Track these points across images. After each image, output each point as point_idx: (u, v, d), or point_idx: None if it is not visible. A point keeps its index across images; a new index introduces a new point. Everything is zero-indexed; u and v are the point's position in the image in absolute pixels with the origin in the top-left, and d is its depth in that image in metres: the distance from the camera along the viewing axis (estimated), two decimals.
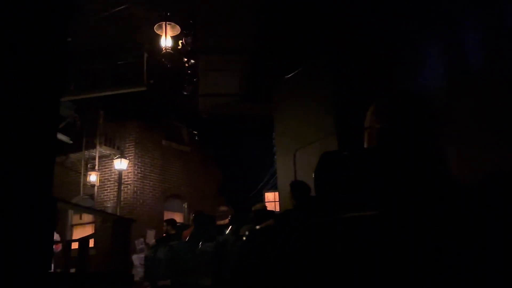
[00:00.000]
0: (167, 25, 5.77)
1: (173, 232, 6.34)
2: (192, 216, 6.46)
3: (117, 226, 2.98)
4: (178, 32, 6.21)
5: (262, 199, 12.24)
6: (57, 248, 7.66)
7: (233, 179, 13.04)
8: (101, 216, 8.64)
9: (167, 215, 13.20)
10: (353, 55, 6.56)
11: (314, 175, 1.78)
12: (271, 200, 12.47)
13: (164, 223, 7.25)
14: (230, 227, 4.88)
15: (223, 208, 10.61)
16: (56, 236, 7.51)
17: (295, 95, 8.03)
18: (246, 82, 9.26)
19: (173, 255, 5.26)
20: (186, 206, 13.81)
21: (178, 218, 13.63)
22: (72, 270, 11.22)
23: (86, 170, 11.96)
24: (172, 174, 13.39)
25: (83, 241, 3.51)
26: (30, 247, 1.87)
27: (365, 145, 1.81)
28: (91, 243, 12.16)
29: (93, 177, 11.20)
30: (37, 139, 2.17)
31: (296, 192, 3.73)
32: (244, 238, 3.39)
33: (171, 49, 6.07)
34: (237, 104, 10.14)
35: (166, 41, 5.84)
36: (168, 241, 5.92)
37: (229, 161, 13.94)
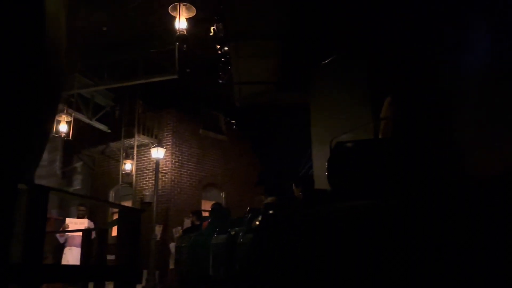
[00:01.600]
0: (181, 6, 5.51)
1: (197, 223, 6.28)
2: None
3: (125, 217, 2.86)
4: (194, 14, 5.98)
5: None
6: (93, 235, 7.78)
7: (271, 169, 12.85)
8: (111, 206, 8.69)
9: (205, 204, 13.24)
10: (390, 42, 6.23)
11: (327, 165, 1.85)
12: None
13: (191, 214, 7.21)
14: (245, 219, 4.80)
15: (261, 197, 10.46)
16: (90, 224, 7.63)
17: (331, 82, 7.75)
18: (281, 69, 8.99)
19: (190, 246, 5.28)
20: (223, 196, 13.79)
21: None
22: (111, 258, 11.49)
23: (129, 159, 12.15)
24: (209, 163, 13.38)
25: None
26: None
27: (380, 136, 1.97)
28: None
29: (128, 166, 11.36)
30: None
31: (301, 185, 3.65)
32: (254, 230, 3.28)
33: (186, 32, 5.86)
34: (273, 92, 9.89)
35: (180, 23, 5.61)
36: (192, 231, 5.88)
37: (267, 150, 13.76)
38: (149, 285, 10.02)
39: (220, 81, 10.98)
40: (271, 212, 1.97)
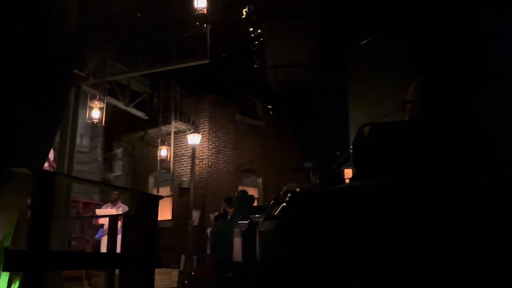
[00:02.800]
0: None
1: (228, 209, 6.23)
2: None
3: (141, 203, 2.77)
4: None
5: (341, 176, 11.69)
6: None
7: (310, 154, 12.60)
8: (126, 192, 8.76)
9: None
10: (431, 22, 5.88)
11: (352, 147, 1.79)
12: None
13: (222, 201, 7.18)
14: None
15: (292, 185, 10.25)
16: (125, 208, 7.76)
17: (370, 63, 7.44)
18: (316, 51, 8.69)
19: (216, 232, 5.29)
20: (261, 181, 13.69)
21: (253, 193, 13.59)
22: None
23: (165, 145, 12.28)
24: (246, 149, 13.29)
25: (127, 217, 3.35)
26: None
27: (406, 118, 1.84)
28: (169, 216, 12.60)
29: (164, 152, 11.45)
30: None
31: (318, 172, 3.48)
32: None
33: (206, 11, 5.68)
34: (308, 75, 9.60)
35: (199, 2, 5.41)
36: (222, 218, 5.85)
37: (306, 135, 13.49)
38: (186, 270, 10.12)
39: (255, 66, 10.80)
40: (291, 197, 1.83)
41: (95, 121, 7.48)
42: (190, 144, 11.27)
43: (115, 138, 13.63)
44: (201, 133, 12.10)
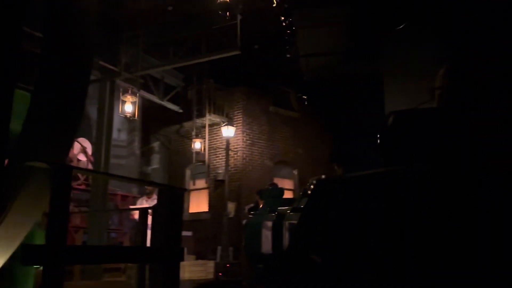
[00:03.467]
0: None
1: (260, 202, 6.18)
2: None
3: (164, 196, 2.75)
4: None
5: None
6: None
7: (346, 145, 12.34)
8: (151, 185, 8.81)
9: (277, 182, 13.12)
10: (462, 9, 5.57)
11: (379, 135, 1.81)
12: None
13: (256, 193, 7.13)
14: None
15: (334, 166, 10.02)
16: (154, 202, 7.86)
17: (405, 49, 7.16)
18: (349, 38, 8.45)
19: (247, 224, 5.30)
20: (296, 173, 13.56)
21: (288, 185, 13.49)
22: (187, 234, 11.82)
23: (200, 138, 12.37)
24: (280, 140, 13.18)
25: (143, 210, 3.36)
26: None
27: (435, 105, 1.90)
28: (206, 208, 12.72)
29: (197, 145, 11.53)
30: None
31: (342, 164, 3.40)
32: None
33: (228, 0, 5.58)
34: (341, 63, 9.37)
35: None
36: (254, 210, 5.82)
37: (341, 125, 13.21)
38: (222, 261, 10.19)
39: (287, 55, 10.64)
40: (316, 184, 1.82)
41: (128, 115, 7.60)
42: (225, 136, 11.29)
43: (151, 131, 13.87)
44: (235, 126, 12.09)
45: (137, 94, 7.75)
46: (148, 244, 3.34)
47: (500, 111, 1.56)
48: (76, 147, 10.15)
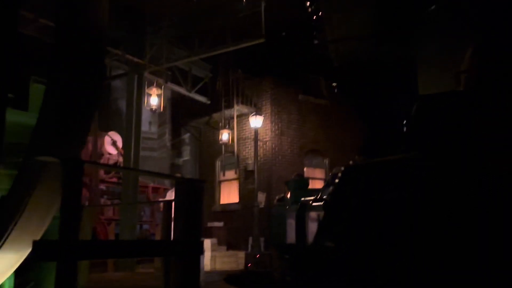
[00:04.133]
0: None
1: (288, 192, 6.07)
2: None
3: (182, 188, 2.67)
4: None
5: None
6: None
7: (379, 133, 11.99)
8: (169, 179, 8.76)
9: (308, 172, 12.94)
10: None
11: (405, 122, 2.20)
12: None
13: (284, 184, 7.01)
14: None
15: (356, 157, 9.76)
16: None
17: (438, 31, 6.83)
18: (379, 21, 8.11)
19: (273, 214, 5.24)
20: (327, 162, 13.31)
21: (320, 174, 13.27)
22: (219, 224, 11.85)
23: (229, 129, 12.34)
24: (310, 129, 12.95)
25: (167, 203, 3.29)
26: None
27: (462, 88, 2.13)
28: (237, 198, 12.71)
29: (225, 136, 11.47)
30: None
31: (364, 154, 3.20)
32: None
33: None
34: (372, 47, 9.04)
35: None
36: (282, 200, 5.72)
37: (374, 112, 12.83)
38: (253, 251, 10.14)
39: (315, 42, 10.37)
40: (344, 170, 1.77)
41: (154, 107, 7.59)
42: (253, 127, 11.19)
43: (181, 123, 13.94)
44: (263, 115, 11.96)
45: (162, 87, 7.74)
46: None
47: None
48: (107, 140, 10.32)
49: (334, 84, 14.05)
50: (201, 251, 2.81)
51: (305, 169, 12.68)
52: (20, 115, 3.26)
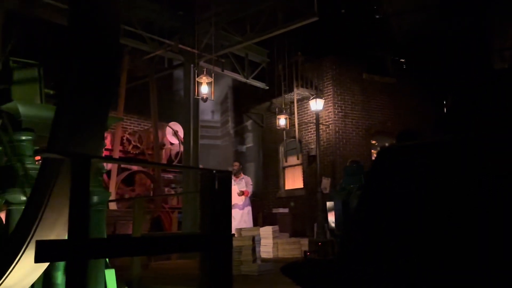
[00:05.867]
0: None
1: None
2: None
3: (204, 182, 2.54)
4: None
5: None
6: (246, 194, 8.00)
7: (447, 110, 11.09)
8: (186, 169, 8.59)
9: (375, 155, 12.35)
10: None
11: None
12: None
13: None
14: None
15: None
16: (247, 179, 7.84)
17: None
18: None
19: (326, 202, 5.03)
20: None
21: None
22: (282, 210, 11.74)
23: (290, 114, 12.11)
24: (376, 109, 12.30)
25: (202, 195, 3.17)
26: None
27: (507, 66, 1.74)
28: (301, 184, 12.49)
29: (282, 121, 11.21)
30: None
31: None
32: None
33: None
34: (436, 19, 8.30)
35: None
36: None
37: (446, 89, 11.90)
38: (318, 238, 9.91)
39: (377, 16, 9.79)
40: (379, 152, 1.61)
41: (205, 96, 7.57)
42: (313, 110, 10.84)
43: (243, 111, 13.93)
44: (325, 98, 11.56)
45: (213, 75, 7.68)
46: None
47: None
48: (168, 131, 10.59)
49: (402, 60, 13.22)
50: (229, 245, 2.67)
51: (372, 151, 12.11)
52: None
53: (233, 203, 7.82)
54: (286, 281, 1.97)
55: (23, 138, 3.28)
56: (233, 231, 7.96)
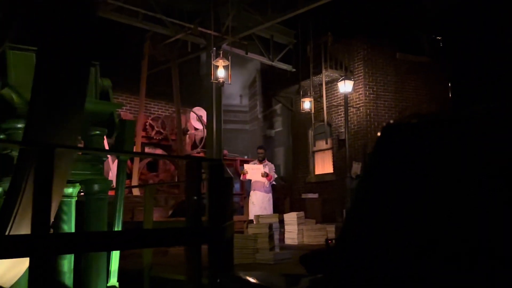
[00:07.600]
0: None
1: None
2: None
3: (193, 171, 2.37)
4: None
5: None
6: (269, 179, 7.79)
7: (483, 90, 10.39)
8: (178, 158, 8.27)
9: None
10: None
11: None
12: None
13: None
14: None
15: None
16: (270, 166, 7.66)
17: None
18: None
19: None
20: None
21: None
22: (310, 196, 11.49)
23: (319, 96, 11.76)
24: (410, 91, 11.72)
25: (226, 179, 2.99)
26: None
27: None
28: (331, 169, 12.17)
29: (307, 104, 10.84)
30: None
31: None
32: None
33: None
34: None
35: None
36: None
37: (480, 66, 11.15)
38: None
39: None
40: (383, 128, 1.43)
41: (221, 80, 7.36)
42: (342, 92, 10.44)
43: (272, 94, 13.65)
44: (356, 79, 11.10)
45: (229, 58, 7.44)
46: None
47: None
48: (192, 116, 10.50)
49: (438, 37, 12.48)
50: (221, 237, 2.49)
51: None
52: None
53: (256, 180, 7.64)
54: (300, 271, 1.77)
55: (19, 126, 3.22)
56: (251, 217, 7.81)
